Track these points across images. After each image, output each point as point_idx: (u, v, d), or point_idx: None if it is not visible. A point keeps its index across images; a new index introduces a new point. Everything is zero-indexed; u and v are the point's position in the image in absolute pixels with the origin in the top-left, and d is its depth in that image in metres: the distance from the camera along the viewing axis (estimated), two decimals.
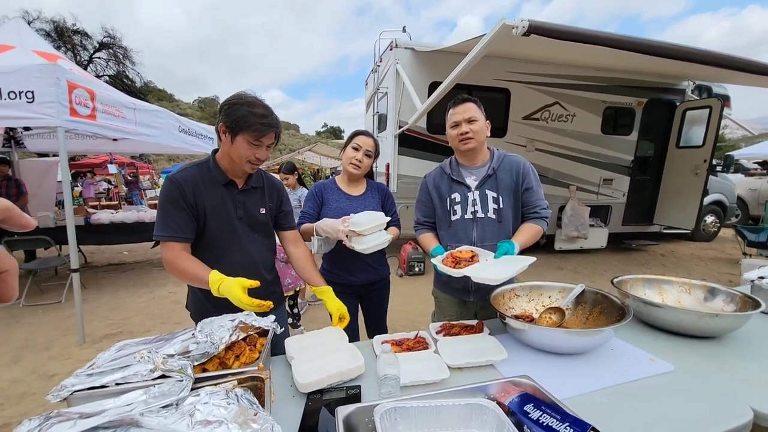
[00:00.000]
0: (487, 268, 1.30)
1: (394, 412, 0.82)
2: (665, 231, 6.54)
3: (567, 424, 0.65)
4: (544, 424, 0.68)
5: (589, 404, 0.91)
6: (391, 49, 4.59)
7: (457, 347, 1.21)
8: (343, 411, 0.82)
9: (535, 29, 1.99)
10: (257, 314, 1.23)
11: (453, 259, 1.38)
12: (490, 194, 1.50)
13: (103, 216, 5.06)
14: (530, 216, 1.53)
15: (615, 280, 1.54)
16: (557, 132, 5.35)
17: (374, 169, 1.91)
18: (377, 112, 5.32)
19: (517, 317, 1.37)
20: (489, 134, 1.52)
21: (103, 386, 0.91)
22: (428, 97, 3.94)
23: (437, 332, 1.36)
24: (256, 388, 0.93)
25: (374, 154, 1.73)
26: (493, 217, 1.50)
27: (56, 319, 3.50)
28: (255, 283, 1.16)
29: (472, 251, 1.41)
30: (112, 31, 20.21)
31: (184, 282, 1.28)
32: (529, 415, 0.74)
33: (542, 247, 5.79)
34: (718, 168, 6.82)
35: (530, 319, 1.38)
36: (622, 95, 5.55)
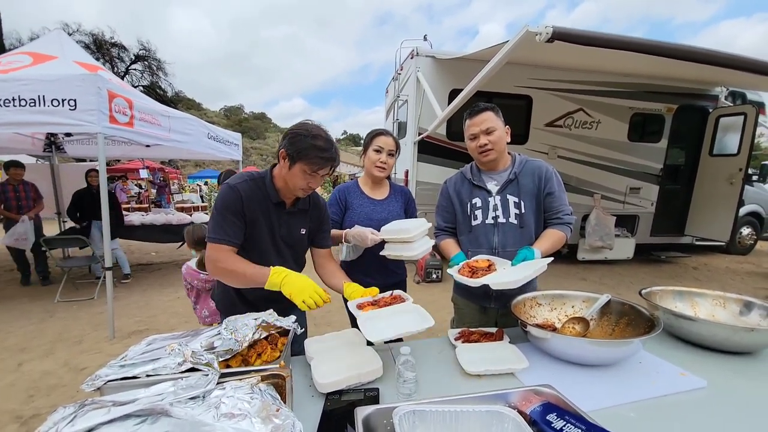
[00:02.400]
0: (504, 276, 1.28)
1: (412, 415, 0.82)
2: (697, 243, 6.22)
3: None
4: None
5: (616, 418, 0.88)
6: (411, 58, 4.64)
7: (477, 354, 1.20)
8: (362, 411, 0.83)
9: (560, 35, 1.97)
10: (279, 314, 1.27)
11: (470, 269, 1.36)
12: (512, 199, 1.48)
13: (135, 218, 5.33)
14: (553, 222, 1.51)
15: (643, 292, 1.48)
16: (581, 139, 5.23)
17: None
18: (397, 119, 5.36)
19: (538, 326, 1.34)
20: (509, 140, 1.51)
21: (134, 377, 0.96)
22: (448, 104, 3.96)
23: (456, 339, 1.35)
24: (277, 386, 0.95)
25: (397, 152, 1.73)
26: (515, 222, 1.48)
27: (89, 315, 3.68)
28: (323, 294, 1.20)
29: (488, 260, 1.39)
30: (147, 44, 21.31)
31: (229, 281, 1.30)
32: (552, 425, 0.72)
33: (564, 256, 5.63)
34: (754, 177, 6.46)
35: (552, 329, 1.35)
36: (651, 101, 5.37)
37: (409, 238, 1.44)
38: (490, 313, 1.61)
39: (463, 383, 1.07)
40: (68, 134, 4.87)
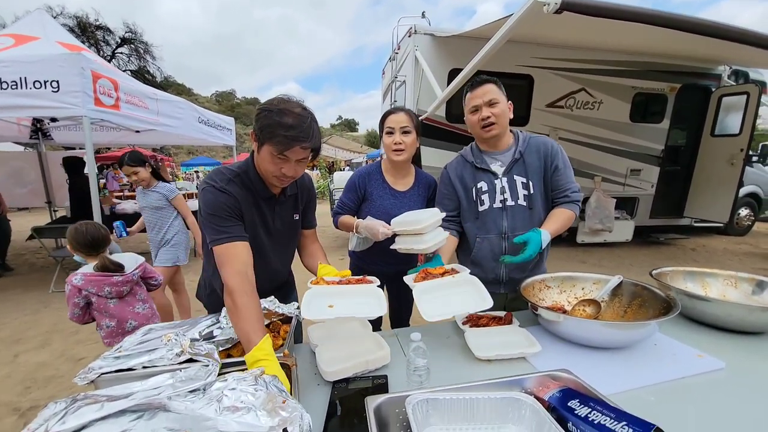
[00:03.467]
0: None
1: (426, 403, 0.78)
2: (696, 224, 6.24)
3: (624, 423, 0.59)
4: (595, 422, 0.62)
5: (636, 402, 0.85)
6: (409, 36, 4.48)
7: (487, 339, 1.16)
8: (373, 401, 0.79)
9: (568, 6, 1.87)
10: (280, 300, 1.22)
11: (423, 275, 1.27)
12: (519, 180, 1.41)
13: (127, 206, 5.22)
14: (560, 200, 1.44)
15: (654, 272, 1.45)
16: (583, 120, 5.13)
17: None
18: (395, 101, 5.22)
19: (548, 309, 1.30)
20: (512, 116, 1.42)
21: (129, 369, 0.91)
22: (448, 84, 3.84)
23: (463, 323, 1.31)
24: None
25: (414, 127, 1.55)
26: (524, 204, 1.41)
27: None
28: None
29: (445, 269, 1.29)
30: (133, 26, 20.61)
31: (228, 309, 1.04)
32: (576, 412, 0.68)
33: (564, 239, 5.62)
34: (755, 158, 6.43)
35: (562, 312, 1.31)
36: (654, 80, 5.24)
37: (420, 230, 1.31)
38: (499, 298, 1.54)
39: (473, 369, 1.03)
40: (53, 119, 4.70)
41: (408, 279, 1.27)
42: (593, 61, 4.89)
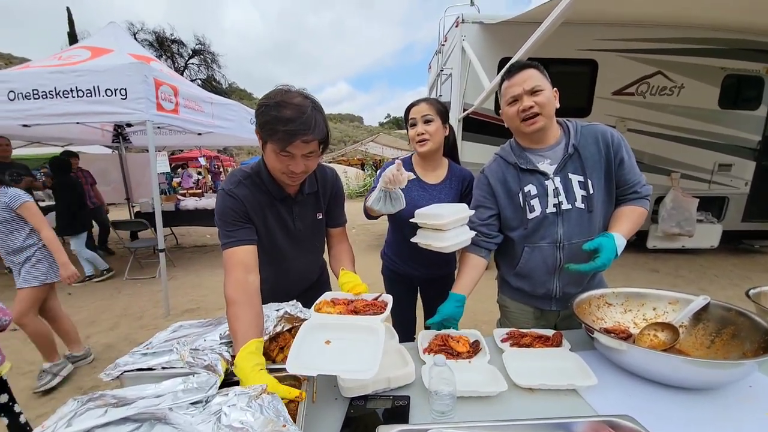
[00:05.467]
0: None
1: None
2: None
3: None
4: None
5: None
6: (456, 26, 4.25)
7: (529, 363, 1.00)
8: None
9: None
10: (303, 305, 1.17)
11: (440, 343, 1.12)
12: (575, 178, 1.19)
13: (189, 203, 5.68)
14: (628, 197, 1.21)
15: (752, 292, 1.16)
16: (658, 108, 4.48)
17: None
18: (440, 95, 5.03)
19: (607, 331, 1.10)
20: (558, 105, 1.20)
21: (150, 368, 0.92)
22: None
23: (503, 340, 1.15)
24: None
25: (438, 116, 1.43)
26: (582, 206, 1.19)
27: (150, 292, 3.99)
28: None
29: (468, 346, 1.10)
30: (202, 38, 22.60)
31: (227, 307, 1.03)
32: None
33: (630, 243, 4.95)
34: None
35: (626, 336, 1.10)
36: (748, 60, 4.42)
37: (441, 226, 1.16)
38: (548, 317, 1.35)
39: (511, 399, 0.88)
40: (129, 125, 5.25)
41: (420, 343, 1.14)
42: (672, 40, 4.24)
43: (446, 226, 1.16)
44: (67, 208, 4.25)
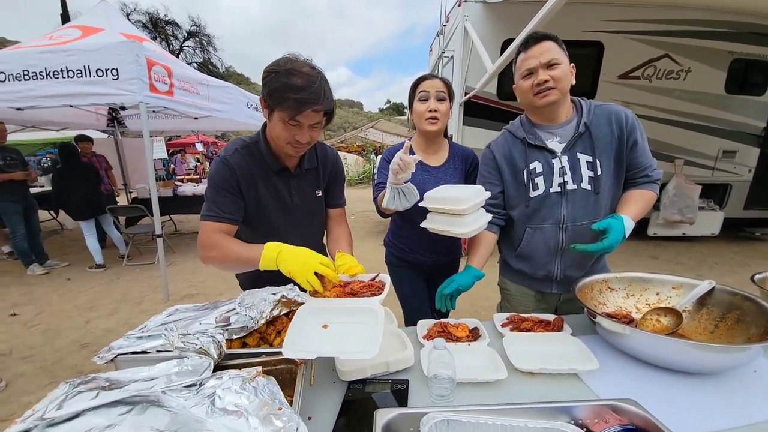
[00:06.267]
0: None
1: (446, 425, 0.66)
2: None
3: None
4: None
5: None
6: (459, 5, 4.12)
7: (530, 347, 0.99)
8: (383, 416, 0.68)
9: None
10: (301, 289, 1.15)
11: (439, 329, 1.10)
12: (584, 158, 1.16)
13: (187, 189, 5.62)
14: (638, 180, 1.18)
15: (757, 277, 1.14)
16: (664, 93, 4.39)
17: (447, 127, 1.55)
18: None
19: (609, 316, 1.08)
20: (574, 81, 1.15)
21: (144, 352, 0.90)
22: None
23: (503, 325, 1.14)
24: (291, 372, 0.83)
25: (448, 96, 1.38)
26: (588, 188, 1.16)
27: (149, 278, 3.99)
28: (326, 261, 1.00)
29: (468, 331, 1.09)
30: (197, 19, 22.01)
31: (226, 268, 1.13)
32: None
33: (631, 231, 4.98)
34: None
35: (628, 320, 1.08)
36: (757, 44, 4.31)
37: (460, 211, 1.11)
38: (549, 300, 1.33)
39: (510, 383, 0.87)
40: (123, 108, 5.13)
41: (419, 330, 1.12)
42: (680, 22, 4.12)
43: (466, 211, 1.11)
44: (76, 192, 4.15)
